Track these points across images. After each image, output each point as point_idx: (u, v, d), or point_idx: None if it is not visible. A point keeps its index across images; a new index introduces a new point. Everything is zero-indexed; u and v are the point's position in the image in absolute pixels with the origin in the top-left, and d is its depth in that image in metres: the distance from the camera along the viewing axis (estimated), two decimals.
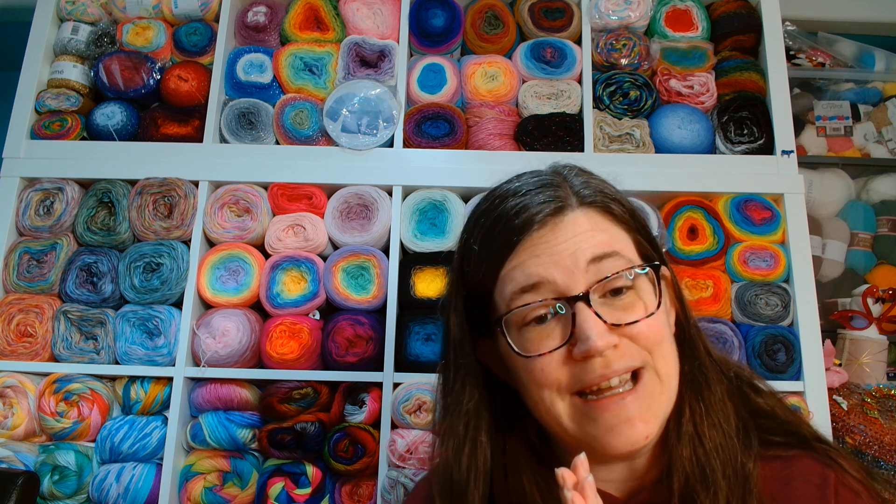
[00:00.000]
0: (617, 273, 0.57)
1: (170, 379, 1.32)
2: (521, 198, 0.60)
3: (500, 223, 0.60)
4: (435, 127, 1.46)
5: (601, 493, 0.61)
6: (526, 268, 0.58)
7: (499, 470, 0.63)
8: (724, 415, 0.61)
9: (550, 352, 0.57)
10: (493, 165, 1.41)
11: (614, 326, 0.56)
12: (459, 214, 1.39)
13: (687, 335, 0.64)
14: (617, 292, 0.58)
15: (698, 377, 0.62)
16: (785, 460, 0.61)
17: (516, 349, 0.58)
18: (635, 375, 0.57)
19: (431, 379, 1.27)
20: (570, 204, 0.60)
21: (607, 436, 0.56)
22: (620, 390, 0.56)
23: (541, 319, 0.58)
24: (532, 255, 0.58)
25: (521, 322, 0.59)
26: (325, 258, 1.40)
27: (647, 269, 0.60)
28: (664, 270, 0.63)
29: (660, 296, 0.59)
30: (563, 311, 0.57)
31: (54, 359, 1.35)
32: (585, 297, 0.56)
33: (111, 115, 1.47)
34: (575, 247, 0.58)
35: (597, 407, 0.56)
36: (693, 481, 0.58)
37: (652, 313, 0.58)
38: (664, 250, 0.67)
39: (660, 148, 1.44)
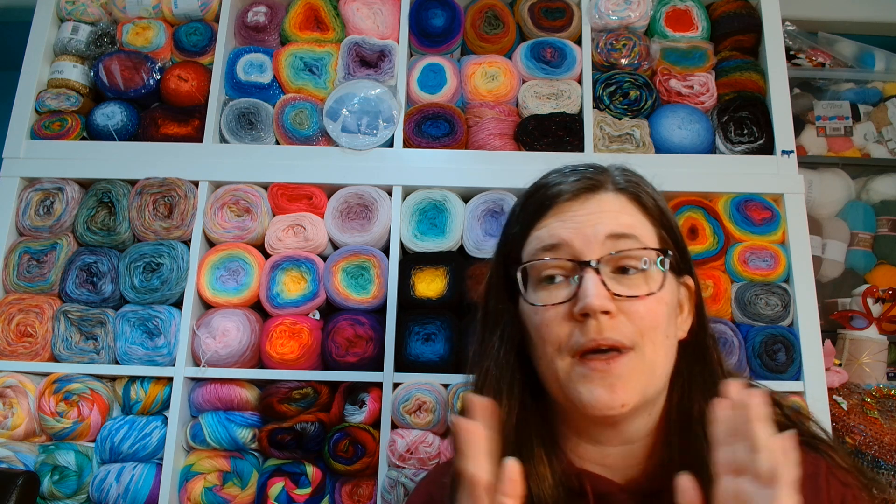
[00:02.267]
0: (629, 250, 0.62)
1: (170, 379, 1.32)
2: (565, 175, 0.69)
3: (540, 190, 0.68)
4: (435, 127, 1.46)
5: (603, 479, 0.66)
6: (551, 229, 0.65)
7: (519, 423, 0.68)
8: None
9: (555, 305, 0.62)
10: (493, 165, 1.41)
11: (616, 296, 0.61)
12: (459, 214, 1.39)
13: (701, 341, 0.68)
14: (625, 271, 0.63)
15: (710, 384, 0.66)
16: None
17: (528, 299, 0.64)
18: (620, 353, 0.61)
19: (431, 379, 1.28)
20: (605, 186, 0.67)
21: (590, 395, 0.60)
22: (605, 356, 0.61)
23: (550, 279, 0.64)
24: (559, 220, 0.65)
25: (536, 280, 0.65)
26: (325, 258, 1.40)
27: (658, 254, 0.64)
28: (681, 271, 0.68)
29: (662, 282, 0.63)
30: (574, 274, 0.63)
31: (54, 359, 1.35)
32: (595, 264, 0.61)
33: (111, 115, 1.47)
34: (598, 220, 0.64)
35: (587, 366, 0.61)
36: (698, 476, 0.61)
37: (652, 293, 0.62)
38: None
39: (660, 148, 1.44)
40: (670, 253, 0.65)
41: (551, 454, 0.66)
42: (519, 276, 0.65)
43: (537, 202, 0.67)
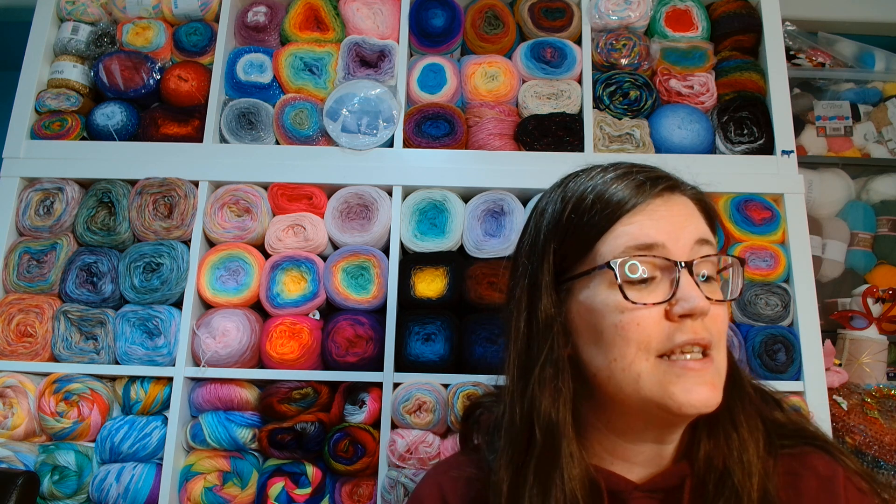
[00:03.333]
0: (716, 255, 0.64)
1: (170, 379, 1.33)
2: (640, 172, 0.66)
3: (627, 178, 0.65)
4: (435, 127, 1.46)
5: (616, 476, 0.66)
6: (644, 227, 0.62)
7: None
8: (754, 415, 0.66)
9: (654, 304, 0.61)
10: (493, 165, 1.41)
11: (706, 299, 0.61)
12: (459, 214, 1.39)
13: (727, 340, 0.69)
14: (703, 276, 0.63)
15: (735, 378, 0.66)
16: (796, 456, 0.65)
17: (625, 293, 0.61)
18: (705, 354, 0.62)
19: (431, 379, 1.28)
20: (682, 188, 0.67)
21: (687, 394, 0.59)
22: (699, 356, 0.61)
23: (641, 281, 0.62)
24: (651, 217, 0.63)
25: (622, 279, 0.62)
26: (325, 258, 1.40)
27: (737, 261, 0.66)
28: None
29: (740, 288, 0.66)
30: (665, 276, 0.62)
31: (54, 359, 1.35)
32: (689, 266, 0.61)
33: (111, 115, 1.47)
34: (686, 223, 0.63)
35: (683, 367, 0.60)
36: (737, 473, 0.62)
37: (734, 297, 0.65)
38: None
39: (660, 148, 1.44)
40: (742, 259, 0.66)
41: (582, 449, 0.66)
42: (616, 270, 0.61)
43: (625, 191, 0.63)
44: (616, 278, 0.61)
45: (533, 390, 0.65)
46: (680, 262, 0.61)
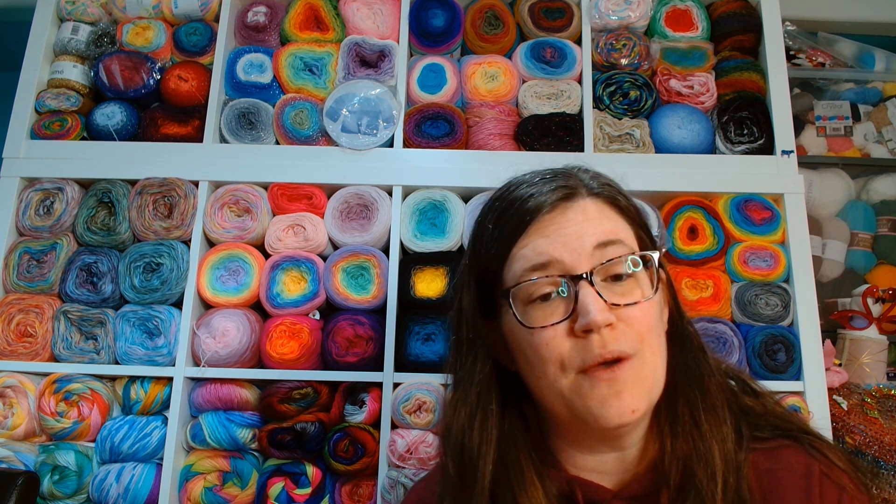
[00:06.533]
0: (619, 257, 0.61)
1: (170, 379, 1.32)
2: (535, 185, 0.65)
3: (514, 205, 0.64)
4: (435, 127, 1.46)
5: (594, 485, 0.65)
6: (536, 246, 0.62)
7: (504, 441, 0.66)
8: (720, 407, 0.64)
9: (553, 324, 0.60)
10: (493, 165, 1.41)
11: (613, 306, 0.59)
12: (459, 214, 1.39)
13: (681, 329, 0.67)
14: (617, 278, 0.61)
15: (694, 370, 0.65)
16: (770, 451, 0.64)
17: (521, 320, 0.61)
18: (623, 360, 0.60)
19: (431, 379, 1.28)
20: (580, 192, 0.64)
21: (601, 408, 0.58)
22: (610, 366, 0.59)
23: (545, 298, 0.61)
24: (542, 235, 0.62)
25: (526, 299, 0.62)
26: (325, 258, 1.40)
27: (647, 255, 0.63)
28: (661, 264, 0.66)
29: (656, 283, 0.63)
30: (568, 290, 0.60)
31: (54, 359, 1.35)
32: (589, 277, 0.59)
33: (111, 115, 1.47)
34: (583, 231, 0.61)
35: (592, 378, 0.59)
36: (699, 473, 0.60)
37: (649, 297, 0.61)
38: (663, 251, 0.70)
39: (660, 148, 1.44)
40: (657, 254, 0.64)
41: (541, 469, 0.65)
42: (510, 300, 0.62)
43: (514, 219, 0.64)
44: (510, 307, 0.62)
45: (472, 414, 0.65)
46: (574, 276, 0.60)
